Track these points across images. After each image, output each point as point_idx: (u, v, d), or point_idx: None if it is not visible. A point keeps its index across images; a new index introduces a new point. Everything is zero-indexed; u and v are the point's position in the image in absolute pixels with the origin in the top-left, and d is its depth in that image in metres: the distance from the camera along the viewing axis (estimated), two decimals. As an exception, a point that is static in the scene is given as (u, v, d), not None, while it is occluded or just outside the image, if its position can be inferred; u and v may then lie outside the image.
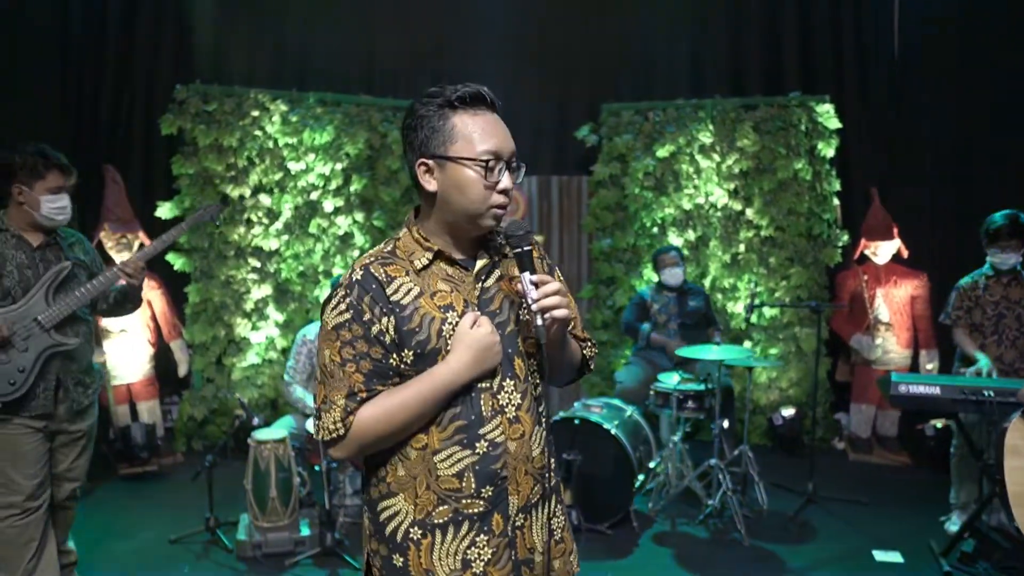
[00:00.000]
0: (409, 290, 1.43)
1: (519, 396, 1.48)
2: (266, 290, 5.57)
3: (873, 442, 5.50)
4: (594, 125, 6.03)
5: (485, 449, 1.42)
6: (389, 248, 1.50)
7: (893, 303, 5.37)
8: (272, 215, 5.58)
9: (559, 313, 1.41)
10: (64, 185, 2.82)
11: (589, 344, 1.74)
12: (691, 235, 5.82)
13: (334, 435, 1.41)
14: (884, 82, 5.80)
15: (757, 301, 5.24)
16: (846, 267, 5.61)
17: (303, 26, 6.06)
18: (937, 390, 3.42)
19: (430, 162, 1.43)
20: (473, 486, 1.42)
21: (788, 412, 5.51)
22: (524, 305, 1.46)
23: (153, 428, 5.06)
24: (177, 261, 5.37)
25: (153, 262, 5.11)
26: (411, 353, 1.42)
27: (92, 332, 3.01)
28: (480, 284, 1.49)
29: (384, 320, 1.41)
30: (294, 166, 5.58)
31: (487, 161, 1.40)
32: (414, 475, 1.43)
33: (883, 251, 5.37)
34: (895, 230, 5.35)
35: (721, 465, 4.18)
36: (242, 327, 5.54)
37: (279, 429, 3.97)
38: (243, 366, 5.55)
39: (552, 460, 1.56)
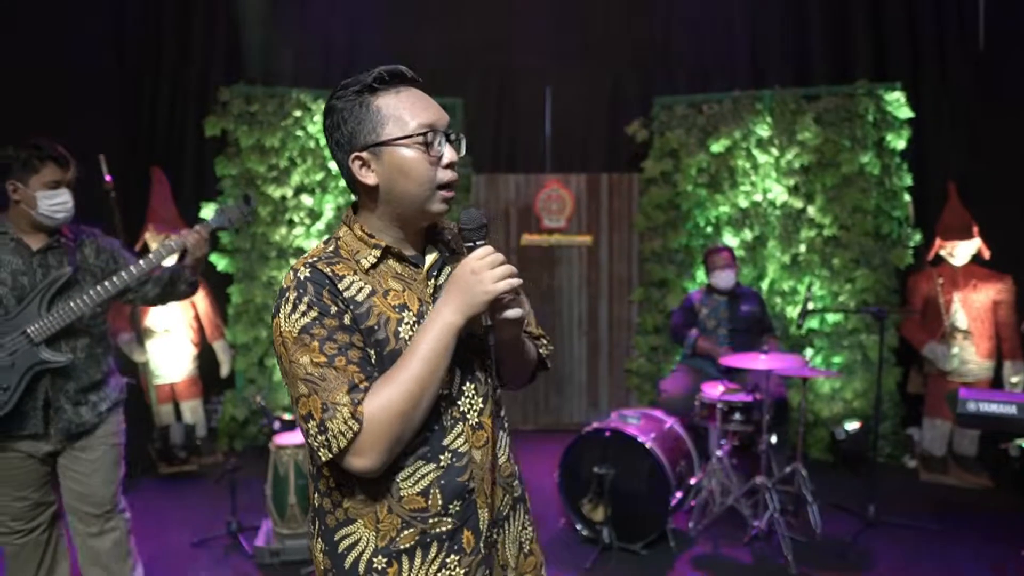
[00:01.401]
0: (360, 288, 1.32)
1: (480, 401, 1.39)
2: (307, 291, 5.52)
3: (949, 461, 5.03)
4: (645, 120, 5.76)
5: (449, 461, 1.33)
6: (331, 248, 1.38)
7: (972, 309, 4.89)
8: (314, 215, 5.54)
9: (511, 313, 1.30)
10: (62, 179, 2.56)
11: (544, 342, 1.63)
12: (748, 235, 5.47)
13: (348, 436, 1.21)
14: (967, 71, 5.31)
15: (811, 305, 4.86)
16: (919, 269, 5.15)
17: (350, 25, 6.03)
18: (1013, 409, 3.02)
19: (364, 154, 1.32)
20: (440, 502, 1.32)
21: (852, 426, 5.09)
22: (485, 322, 1.32)
23: (193, 428, 5.08)
24: (220, 262, 5.39)
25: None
26: (372, 352, 1.30)
27: (101, 344, 2.70)
28: (432, 281, 1.39)
29: (348, 315, 1.29)
30: (335, 166, 5.51)
31: (424, 135, 1.31)
32: (375, 498, 1.31)
33: (961, 252, 4.90)
34: (975, 229, 4.87)
35: (769, 484, 3.86)
36: (284, 328, 5.50)
37: (300, 434, 3.88)
38: (284, 367, 5.52)
39: (518, 467, 1.49)
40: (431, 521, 1.31)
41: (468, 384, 1.37)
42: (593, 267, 6.08)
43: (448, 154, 1.33)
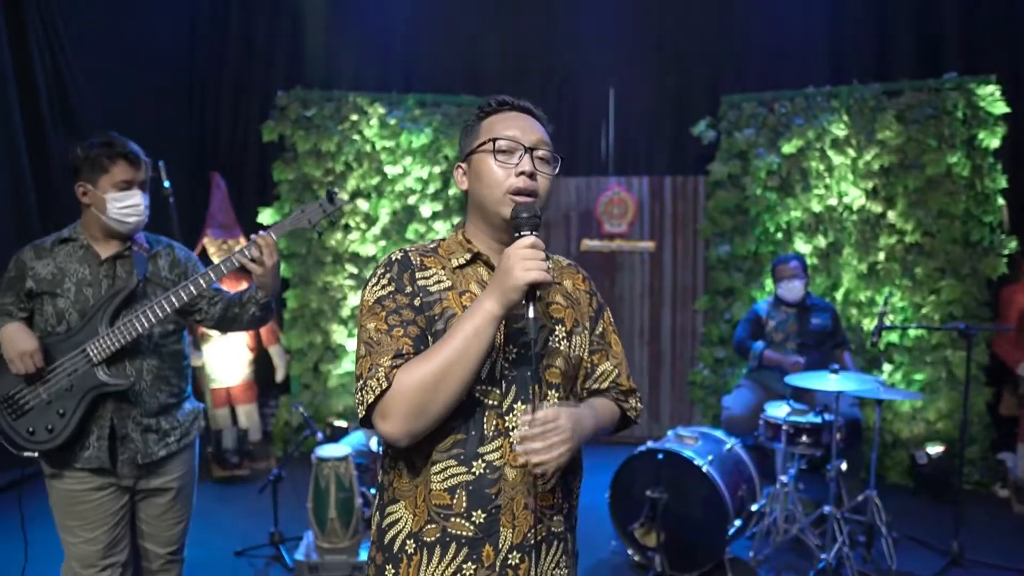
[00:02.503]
0: (439, 281, 1.43)
1: (528, 421, 1.37)
2: (362, 297, 5.48)
3: (1046, 491, 4.58)
4: (712, 119, 5.47)
5: (481, 470, 1.36)
6: (432, 245, 1.51)
7: (1075, 324, 4.44)
8: (369, 220, 5.48)
9: (540, 469, 1.31)
10: (133, 179, 2.27)
11: (634, 402, 1.62)
12: (821, 242, 5.12)
13: (376, 393, 1.30)
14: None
15: (888, 321, 4.49)
16: (1014, 280, 4.71)
17: (409, 27, 5.97)
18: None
19: (463, 164, 1.50)
20: (464, 505, 1.36)
21: (935, 450, 4.70)
22: (536, 326, 1.33)
23: (246, 434, 5.10)
24: (276, 267, 5.38)
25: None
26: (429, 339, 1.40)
27: (173, 366, 2.39)
28: None
29: (418, 299, 1.40)
30: (391, 170, 5.46)
31: (495, 140, 1.42)
32: (415, 483, 1.40)
33: (1063, 261, 4.46)
34: (1079, 236, 4.42)
35: (839, 514, 3.56)
36: (338, 334, 5.48)
37: (343, 446, 3.80)
38: (339, 373, 5.49)
39: (569, 504, 1.49)
40: (453, 520, 1.35)
41: (520, 404, 1.39)
42: (656, 274, 5.83)
43: (524, 164, 1.40)
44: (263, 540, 3.89)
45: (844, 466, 3.80)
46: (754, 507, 3.81)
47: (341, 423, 4.89)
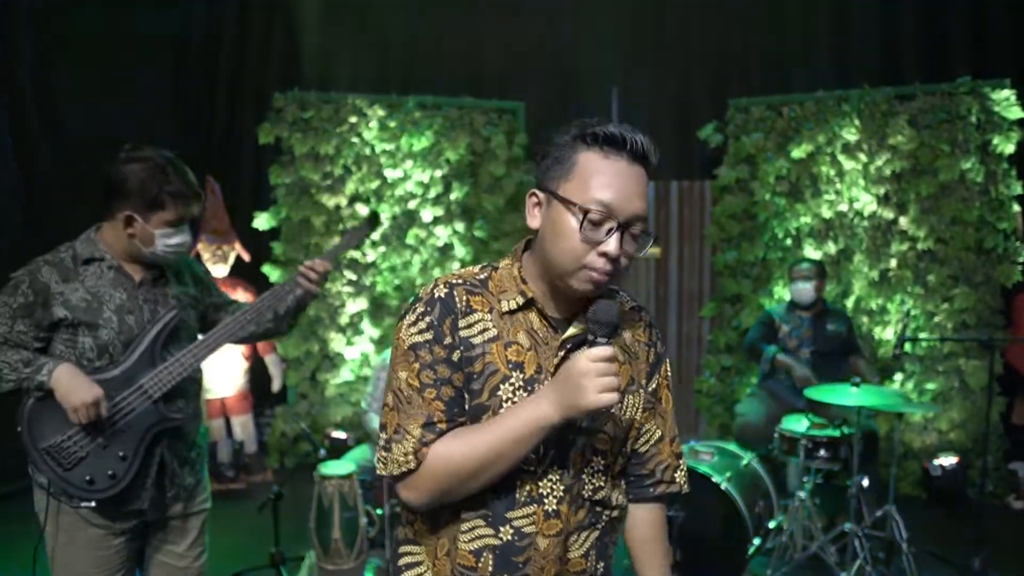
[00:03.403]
0: (484, 330, 1.28)
1: (563, 490, 1.30)
2: (361, 304, 5.34)
3: (1061, 502, 4.51)
4: (719, 123, 5.37)
5: (510, 536, 1.27)
6: (482, 276, 1.33)
7: (1090, 333, 4.37)
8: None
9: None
10: (185, 215, 2.08)
11: (680, 469, 1.48)
12: (831, 248, 5.03)
13: (404, 468, 1.24)
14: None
15: (910, 331, 4.40)
16: (1027, 288, 4.64)
17: (407, 28, 5.83)
18: None
19: (541, 195, 1.28)
20: (490, 570, 1.27)
21: (948, 461, 4.61)
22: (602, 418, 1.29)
23: (241, 446, 4.94)
24: (273, 273, 5.24)
25: (247, 274, 5.05)
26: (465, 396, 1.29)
27: (200, 391, 2.29)
28: (564, 355, 1.29)
29: (457, 352, 1.26)
30: (391, 174, 5.32)
31: (587, 211, 1.19)
32: (438, 535, 1.31)
33: (1078, 269, 4.38)
34: (1095, 243, 4.34)
35: (859, 530, 3.46)
36: (336, 342, 5.34)
37: (346, 463, 3.66)
38: (337, 382, 5.35)
39: (605, 564, 1.40)
40: None
41: (555, 469, 1.29)
42: (661, 281, 5.71)
43: (610, 245, 1.20)
44: (262, 560, 3.74)
45: (866, 481, 3.69)
46: (771, 524, 3.70)
47: (340, 434, 4.74)
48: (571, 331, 1.28)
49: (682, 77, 5.72)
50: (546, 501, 1.27)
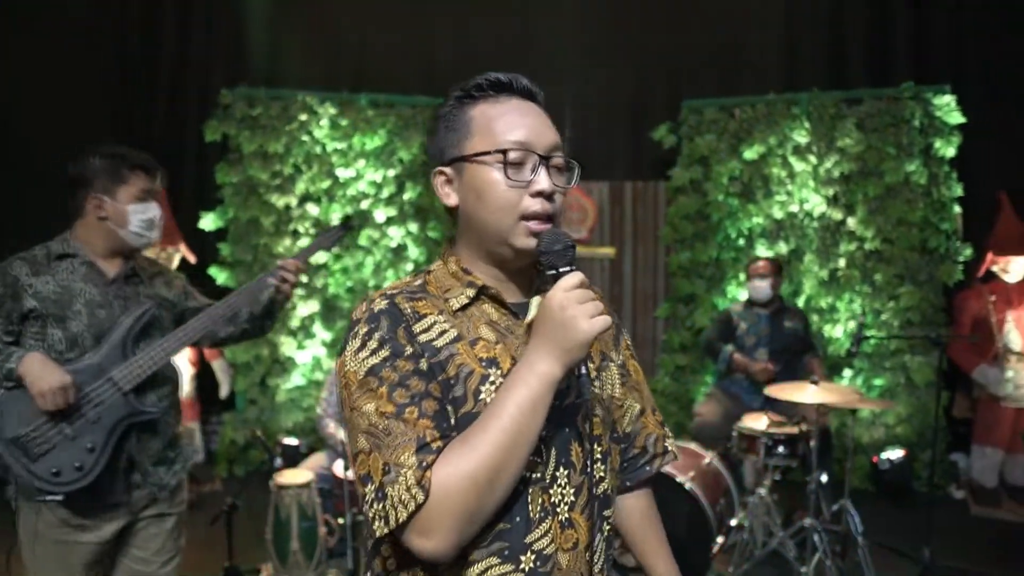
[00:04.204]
0: (443, 331, 1.11)
1: (572, 492, 1.14)
2: (313, 306, 5.21)
3: (1001, 493, 4.68)
4: (673, 124, 5.41)
5: (532, 564, 1.09)
6: (418, 282, 1.19)
7: (1027, 329, 4.54)
8: (320, 226, 5.21)
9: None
10: (151, 188, 2.14)
11: (668, 437, 1.42)
12: (783, 248, 5.12)
13: (411, 507, 0.98)
14: (1009, 68, 4.93)
15: (866, 331, 4.51)
16: (967, 286, 4.80)
17: (359, 25, 5.70)
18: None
19: (447, 169, 1.17)
20: None
21: (895, 455, 4.74)
22: (580, 372, 1.11)
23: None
24: (220, 275, 5.07)
25: (193, 277, 4.87)
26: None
27: (177, 390, 2.29)
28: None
29: (424, 360, 1.08)
30: (343, 173, 5.20)
31: (505, 152, 1.11)
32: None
33: (1016, 268, 4.55)
34: (1031, 243, 4.51)
35: (818, 525, 3.51)
36: (287, 346, 5.19)
37: (304, 471, 3.55)
38: (288, 387, 5.20)
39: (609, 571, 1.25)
40: None
41: (562, 470, 1.13)
42: (616, 281, 5.73)
43: (541, 181, 1.11)
44: (216, 574, 3.60)
45: (824, 477, 3.76)
46: (733, 521, 3.74)
47: (292, 441, 4.60)
48: (534, 310, 1.15)
49: (635, 78, 5.74)
50: (559, 510, 1.12)
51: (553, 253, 1.08)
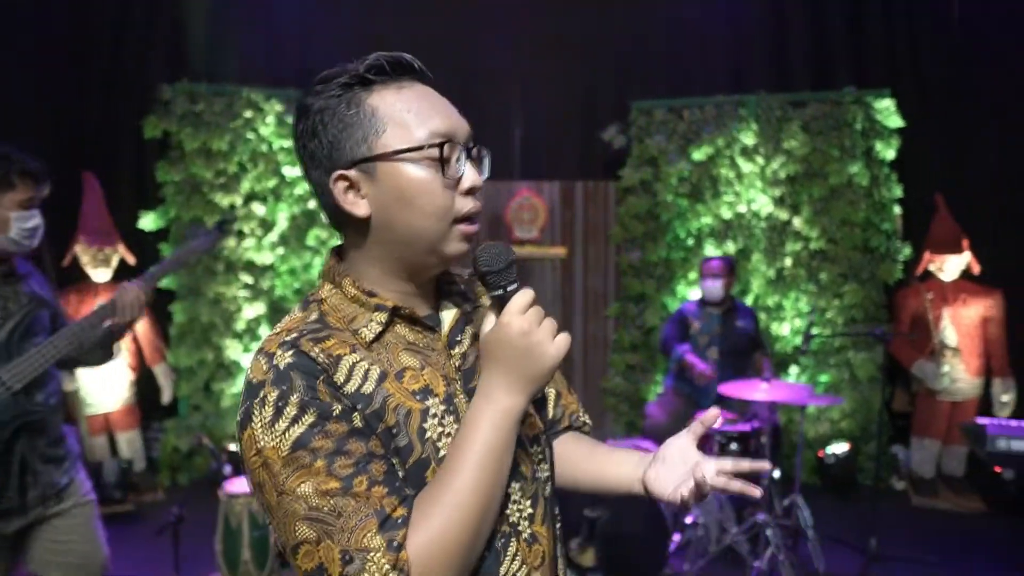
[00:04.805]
0: (366, 373, 0.94)
1: (529, 504, 1.04)
2: (259, 308, 5.07)
3: (939, 483, 4.85)
4: (622, 125, 5.44)
5: None
6: (314, 316, 0.99)
7: (962, 325, 4.72)
8: (266, 226, 5.08)
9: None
10: (36, 196, 2.12)
11: (583, 411, 1.34)
12: (731, 247, 5.20)
13: None
14: (944, 73, 5.12)
15: (815, 330, 4.62)
16: (907, 284, 4.96)
17: (304, 19, 5.57)
18: (1046, 448, 2.81)
19: (351, 173, 0.97)
20: None
21: (840, 449, 4.87)
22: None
23: (129, 465, 4.58)
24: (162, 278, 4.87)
25: (133, 278, 4.69)
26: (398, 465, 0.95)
27: (60, 389, 2.29)
28: (457, 350, 1.04)
29: (357, 415, 0.92)
30: (290, 171, 5.08)
31: (440, 146, 0.96)
32: None
33: (950, 266, 4.72)
34: (965, 243, 4.69)
35: (770, 521, 3.58)
36: (232, 349, 5.04)
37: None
38: (233, 392, 5.05)
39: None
40: None
41: (514, 484, 1.02)
42: (567, 281, 5.74)
43: (469, 176, 0.99)
44: (161, 588, 3.47)
45: (777, 473, 3.83)
46: (688, 519, 3.78)
47: (237, 447, 4.47)
48: (448, 319, 1.06)
49: (585, 79, 5.76)
50: (520, 528, 1.02)
51: (497, 272, 0.97)
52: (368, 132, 0.96)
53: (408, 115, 0.96)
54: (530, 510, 1.04)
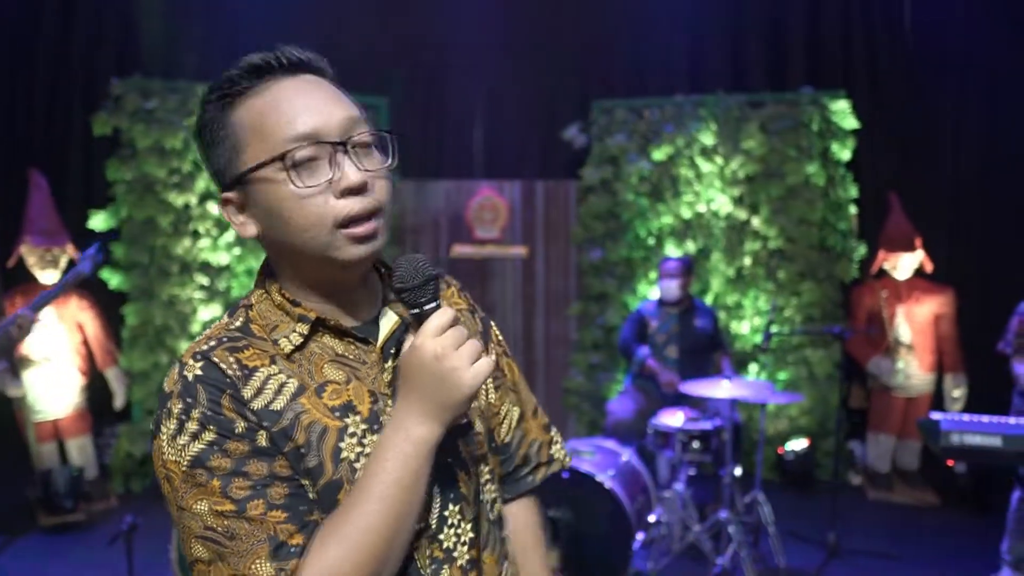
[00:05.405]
0: (281, 387, 0.90)
1: (470, 528, 0.99)
2: (215, 310, 4.95)
3: (894, 478, 4.95)
4: (583, 124, 5.44)
5: None
6: (238, 323, 0.95)
7: (915, 322, 4.82)
8: (221, 226, 4.96)
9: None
10: None
11: (555, 443, 1.24)
12: (691, 247, 5.24)
13: None
14: (897, 75, 5.22)
15: (775, 328, 4.67)
16: (862, 283, 5.05)
17: (264, 15, 5.45)
18: (998, 441, 2.86)
19: (232, 195, 0.93)
20: None
21: (799, 445, 4.94)
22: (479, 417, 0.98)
23: (80, 473, 4.43)
24: (113, 279, 4.74)
25: (85, 280, 4.55)
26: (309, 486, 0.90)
27: None
28: (391, 363, 0.96)
29: (262, 434, 0.87)
30: (247, 171, 4.96)
31: (288, 152, 0.87)
32: None
33: (904, 265, 4.81)
34: (918, 241, 4.79)
35: (732, 518, 3.61)
36: (188, 352, 4.91)
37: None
38: (189, 396, 4.92)
39: None
40: None
41: (452, 507, 0.97)
42: (529, 280, 5.73)
43: (346, 174, 0.88)
44: (114, 598, 3.37)
45: (738, 470, 3.87)
46: (651, 517, 3.79)
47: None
48: (386, 328, 0.99)
49: (546, 78, 5.74)
50: (456, 555, 0.97)
51: (413, 289, 0.90)
52: (234, 148, 0.91)
53: (268, 122, 0.89)
54: (471, 535, 0.99)
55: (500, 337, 1.21)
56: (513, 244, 5.67)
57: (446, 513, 0.96)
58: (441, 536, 0.95)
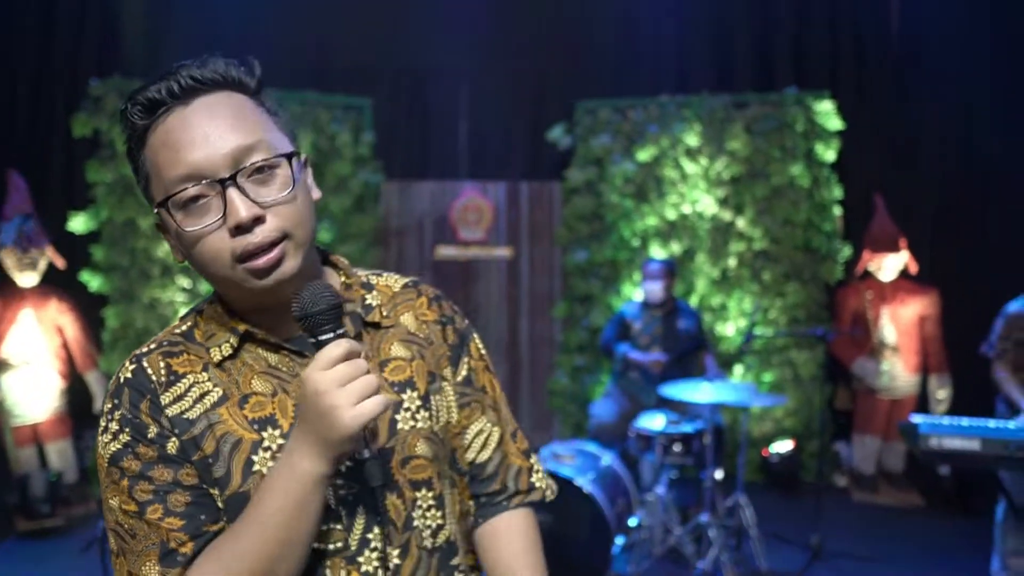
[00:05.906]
0: (203, 395, 0.92)
1: (397, 554, 0.96)
2: (196, 312, 4.92)
3: (879, 479, 4.94)
4: (567, 125, 5.42)
5: None
6: (185, 328, 0.99)
7: (900, 324, 4.81)
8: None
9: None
10: None
11: (535, 471, 1.21)
12: (676, 248, 5.22)
13: None
14: (883, 77, 5.22)
15: (758, 330, 4.66)
16: (847, 284, 5.04)
17: (245, 15, 5.42)
18: (977, 445, 2.84)
19: (159, 221, 0.95)
20: None
21: (784, 447, 4.93)
22: (379, 465, 0.90)
23: (59, 478, 4.39)
24: (93, 281, 4.71)
25: (66, 283, 4.52)
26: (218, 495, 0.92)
27: None
28: None
29: (172, 441, 0.91)
30: (228, 172, 4.93)
31: (171, 197, 0.87)
32: None
33: (888, 266, 4.80)
34: (903, 242, 4.78)
35: (714, 521, 3.59)
36: (169, 355, 4.88)
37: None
38: (170, 399, 4.89)
39: None
40: None
41: (376, 530, 0.95)
42: (513, 282, 5.71)
43: (236, 210, 0.85)
44: (89, 605, 3.34)
45: (719, 474, 3.85)
46: (632, 521, 3.77)
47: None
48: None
49: (530, 78, 5.72)
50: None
51: (310, 317, 0.86)
52: (148, 180, 0.91)
53: (159, 160, 0.88)
54: (397, 560, 0.97)
55: (483, 351, 1.18)
56: (497, 245, 5.65)
57: (369, 536, 0.95)
58: (360, 559, 0.94)
